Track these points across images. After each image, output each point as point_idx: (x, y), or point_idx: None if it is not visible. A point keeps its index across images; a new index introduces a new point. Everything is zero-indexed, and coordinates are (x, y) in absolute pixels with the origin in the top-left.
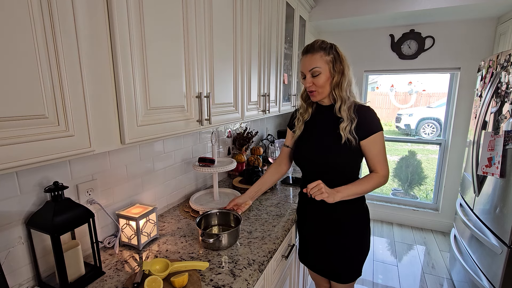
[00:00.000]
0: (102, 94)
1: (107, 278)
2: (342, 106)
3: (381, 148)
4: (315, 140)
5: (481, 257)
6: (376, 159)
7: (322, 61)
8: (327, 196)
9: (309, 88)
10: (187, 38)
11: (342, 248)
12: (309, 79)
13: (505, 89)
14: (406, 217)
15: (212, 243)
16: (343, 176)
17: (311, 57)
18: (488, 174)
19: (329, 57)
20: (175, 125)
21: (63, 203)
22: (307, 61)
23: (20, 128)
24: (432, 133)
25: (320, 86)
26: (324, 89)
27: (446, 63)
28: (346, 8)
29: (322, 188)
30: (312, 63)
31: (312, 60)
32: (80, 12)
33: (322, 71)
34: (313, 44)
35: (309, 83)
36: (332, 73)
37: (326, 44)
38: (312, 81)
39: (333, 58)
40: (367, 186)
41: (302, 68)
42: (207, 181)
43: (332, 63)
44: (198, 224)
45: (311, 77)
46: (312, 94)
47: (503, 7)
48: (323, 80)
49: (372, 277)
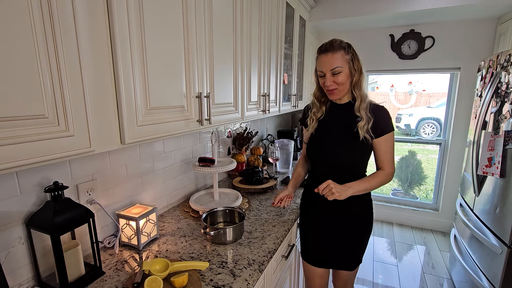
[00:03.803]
0: (102, 94)
1: (107, 278)
2: (362, 104)
3: (391, 147)
4: (331, 137)
5: (481, 257)
6: (385, 157)
7: (343, 60)
8: (338, 196)
9: (330, 87)
10: (187, 38)
11: (349, 236)
12: (330, 77)
13: (505, 89)
14: (406, 217)
15: (214, 236)
16: (352, 172)
17: (332, 56)
18: (488, 174)
19: (349, 56)
20: (175, 125)
21: (63, 203)
22: (328, 60)
23: (20, 128)
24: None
25: (341, 84)
26: (344, 87)
27: (446, 63)
28: (346, 8)
29: (333, 189)
30: (334, 62)
31: (333, 59)
32: (80, 12)
33: (343, 70)
34: (331, 43)
35: (330, 82)
36: (352, 72)
37: (345, 44)
38: (333, 80)
39: (352, 57)
40: (375, 183)
41: (321, 67)
42: (207, 181)
43: (352, 62)
44: (204, 220)
45: (332, 76)
46: (332, 92)
47: (503, 7)
48: (344, 79)
49: (372, 277)
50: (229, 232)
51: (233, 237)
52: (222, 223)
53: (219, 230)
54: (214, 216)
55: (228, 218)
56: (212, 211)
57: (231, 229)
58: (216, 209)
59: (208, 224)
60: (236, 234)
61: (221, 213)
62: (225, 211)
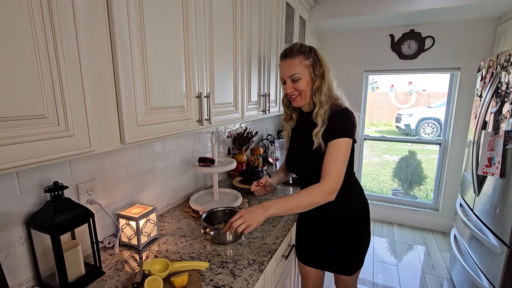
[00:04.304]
0: (102, 94)
1: (107, 278)
2: (320, 110)
3: (340, 157)
4: (299, 147)
5: (481, 257)
6: (327, 165)
7: (302, 65)
8: (254, 225)
9: (291, 94)
10: (187, 38)
11: (342, 240)
12: (290, 84)
13: (505, 89)
14: (406, 217)
15: (214, 236)
16: None
17: (290, 62)
18: (488, 174)
19: (309, 61)
20: (175, 125)
21: (63, 203)
22: (286, 66)
23: (20, 128)
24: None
25: (302, 91)
26: (306, 94)
27: (446, 63)
28: (346, 8)
29: (244, 223)
30: (292, 69)
31: (291, 66)
32: (80, 12)
33: (302, 76)
34: (291, 48)
35: (290, 89)
36: (313, 78)
37: (305, 48)
38: (293, 86)
39: (313, 61)
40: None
41: (281, 74)
42: (207, 181)
43: (312, 67)
44: (204, 219)
45: (292, 83)
46: (294, 99)
47: (503, 7)
48: (304, 85)
49: (372, 277)
50: (229, 232)
51: (233, 237)
52: (222, 223)
53: (219, 230)
54: (214, 216)
55: (228, 218)
56: (212, 211)
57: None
58: (216, 209)
59: (208, 224)
60: (236, 234)
61: (221, 213)
62: (225, 211)
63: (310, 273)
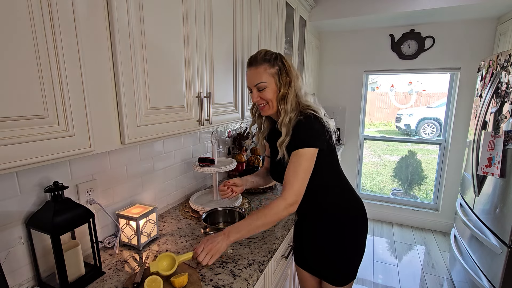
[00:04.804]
0: (102, 94)
1: (107, 278)
2: (284, 119)
3: (298, 167)
4: (272, 158)
5: (481, 257)
6: (287, 177)
7: (267, 74)
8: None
9: (258, 103)
10: (187, 38)
11: (335, 250)
12: (256, 93)
13: (505, 89)
14: (406, 217)
15: None
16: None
17: (255, 70)
18: (488, 174)
19: (274, 69)
20: (175, 125)
21: (63, 203)
22: (251, 75)
23: (20, 128)
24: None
25: (268, 100)
26: (273, 103)
27: (446, 63)
28: (346, 8)
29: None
30: (257, 78)
31: (256, 74)
32: (80, 12)
33: (268, 85)
34: (256, 56)
35: (256, 98)
36: (278, 86)
37: (270, 55)
38: (259, 95)
39: (279, 70)
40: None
41: (247, 83)
42: (207, 181)
43: (278, 75)
44: (204, 219)
45: (258, 91)
46: (261, 108)
47: (503, 7)
48: (270, 94)
49: (372, 277)
50: None
51: None
52: (222, 223)
53: (219, 230)
54: (214, 216)
55: (228, 218)
56: (212, 211)
57: None
58: (216, 209)
59: (208, 224)
60: None
61: (221, 213)
62: (225, 211)
63: (306, 278)
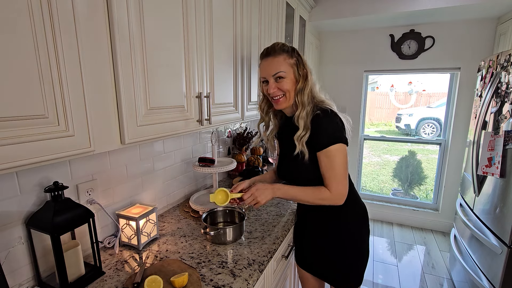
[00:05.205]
0: (102, 94)
1: (107, 278)
2: (301, 112)
3: (338, 164)
4: (284, 155)
5: (481, 257)
6: (326, 175)
7: (286, 64)
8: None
9: (274, 94)
10: (187, 38)
11: (335, 250)
12: (273, 83)
13: (505, 89)
14: (406, 217)
15: (214, 236)
16: None
17: (273, 60)
18: (488, 174)
19: (293, 60)
20: (175, 125)
21: (63, 203)
22: (269, 64)
23: (20, 128)
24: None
25: (286, 91)
26: (290, 95)
27: (446, 63)
28: (346, 8)
29: (258, 197)
30: (276, 67)
31: (275, 63)
32: (80, 12)
33: (286, 75)
34: (273, 46)
35: (273, 89)
36: (297, 78)
37: (288, 47)
38: (277, 86)
39: (297, 61)
40: (311, 197)
41: (263, 73)
42: (207, 181)
43: (296, 66)
44: (204, 219)
45: (275, 82)
46: (277, 101)
47: (503, 7)
48: (289, 85)
49: (372, 277)
50: (229, 232)
51: (233, 237)
52: (222, 223)
53: (219, 230)
54: (214, 216)
55: (228, 218)
56: (212, 211)
57: (231, 229)
58: (216, 209)
59: (208, 224)
60: (236, 234)
61: (221, 213)
62: (225, 211)
63: (308, 278)
